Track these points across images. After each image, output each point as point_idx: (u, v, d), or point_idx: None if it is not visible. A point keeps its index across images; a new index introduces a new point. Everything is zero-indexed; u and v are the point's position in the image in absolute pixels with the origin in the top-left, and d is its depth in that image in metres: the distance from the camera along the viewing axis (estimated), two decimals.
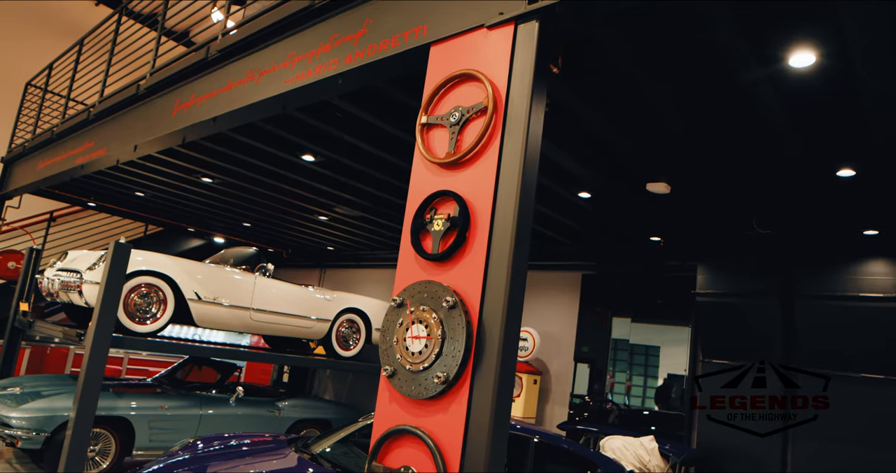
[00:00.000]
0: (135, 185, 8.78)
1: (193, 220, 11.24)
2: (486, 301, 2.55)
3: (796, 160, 4.76)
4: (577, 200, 6.38)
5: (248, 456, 4.81)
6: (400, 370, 2.71)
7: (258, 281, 7.62)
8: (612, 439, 6.24)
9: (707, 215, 6.40)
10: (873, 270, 5.87)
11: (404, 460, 2.65)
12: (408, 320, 2.72)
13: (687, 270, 7.17)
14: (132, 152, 6.24)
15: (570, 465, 5.34)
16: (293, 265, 13.28)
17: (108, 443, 6.70)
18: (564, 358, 8.73)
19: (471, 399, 2.52)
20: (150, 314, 6.58)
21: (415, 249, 2.82)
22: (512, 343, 2.55)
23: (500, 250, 2.56)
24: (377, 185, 7.03)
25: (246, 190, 8.11)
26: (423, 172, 2.94)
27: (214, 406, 7.62)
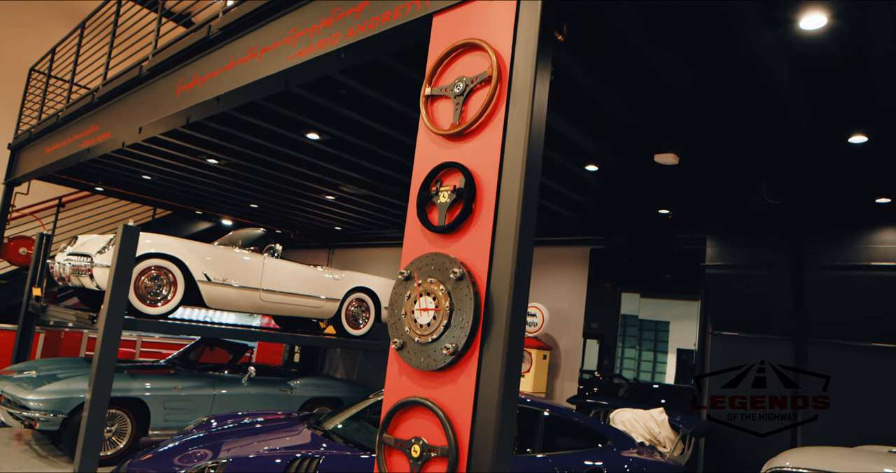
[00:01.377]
0: (141, 168, 8.80)
1: (201, 203, 11.27)
2: (494, 271, 2.55)
3: (807, 127, 4.68)
4: (584, 174, 6.33)
5: (261, 433, 4.87)
6: (409, 342, 2.72)
7: (267, 262, 7.65)
8: (621, 412, 6.27)
9: (716, 186, 6.33)
10: (885, 239, 5.81)
11: (415, 431, 2.67)
12: (416, 292, 2.72)
13: (696, 243, 7.13)
14: (137, 134, 6.23)
15: (581, 438, 5.37)
16: (301, 246, 13.33)
17: (125, 424, 6.80)
18: (573, 334, 8.75)
19: (480, 370, 2.52)
20: (160, 296, 6.63)
21: (421, 222, 2.81)
22: (520, 313, 2.54)
23: (506, 220, 2.54)
24: (383, 163, 7.01)
25: (252, 170, 8.11)
26: (428, 144, 2.92)
27: (227, 386, 7.70)
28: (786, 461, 3.95)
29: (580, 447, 5.25)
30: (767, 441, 6.11)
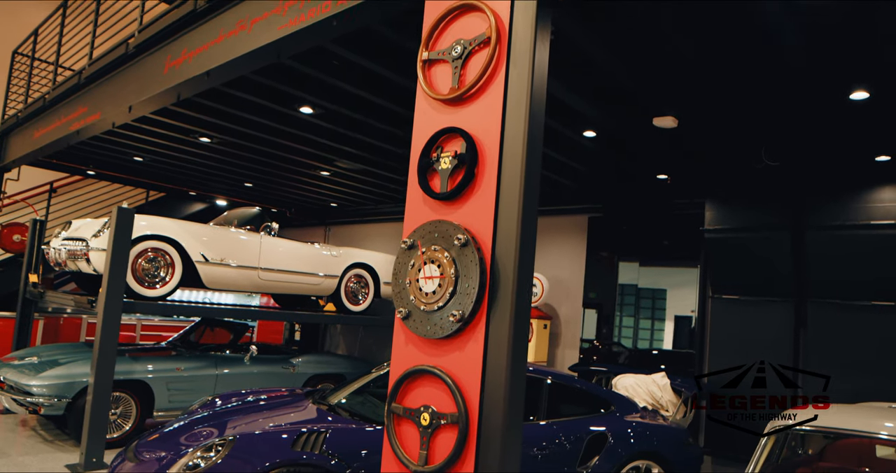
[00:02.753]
0: (133, 150, 8.69)
1: (194, 183, 11.17)
2: (499, 236, 2.52)
3: (808, 84, 4.61)
4: (582, 140, 6.28)
5: (266, 410, 4.88)
6: (414, 311, 2.70)
7: (264, 241, 7.62)
8: (624, 377, 6.32)
9: (715, 149, 6.29)
10: (885, 197, 5.81)
11: (424, 399, 2.67)
12: (419, 261, 2.69)
13: (695, 207, 7.12)
14: (127, 114, 6.13)
15: (584, 404, 5.42)
16: (297, 224, 13.27)
17: (129, 406, 6.82)
18: (573, 303, 8.79)
19: (487, 336, 2.51)
20: (158, 278, 6.61)
21: (422, 189, 2.78)
22: (526, 277, 2.53)
23: (510, 185, 2.51)
24: (378, 135, 6.93)
25: (245, 148, 8.01)
26: (427, 110, 2.87)
27: (230, 366, 7.71)
28: (789, 419, 3.97)
29: (584, 413, 5.30)
30: None
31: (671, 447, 5.29)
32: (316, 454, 4.01)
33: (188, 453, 4.00)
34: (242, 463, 3.85)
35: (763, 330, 6.54)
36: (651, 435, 5.24)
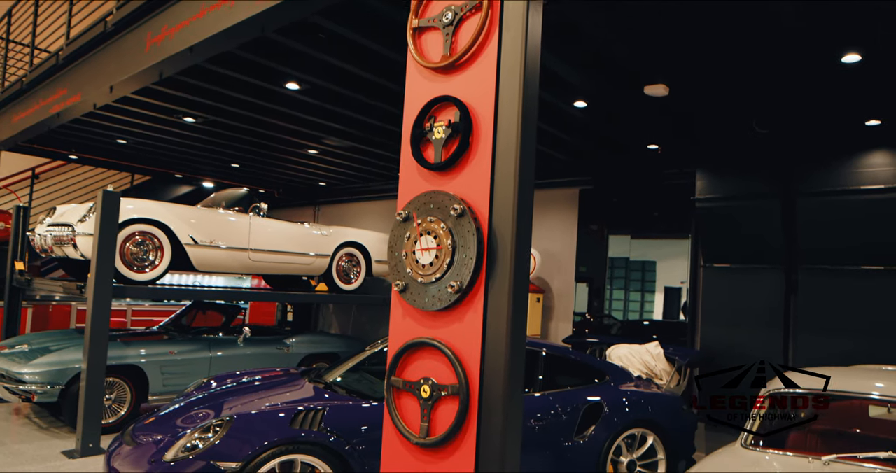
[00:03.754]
0: (116, 132, 8.54)
1: (180, 166, 11.02)
2: (495, 205, 2.49)
3: (800, 47, 4.55)
4: (572, 111, 6.23)
5: (262, 390, 4.87)
6: (412, 283, 2.68)
7: (253, 222, 7.56)
8: (617, 347, 6.37)
9: (706, 117, 6.27)
10: (874, 162, 5.83)
11: (423, 372, 2.66)
12: (415, 233, 2.66)
13: (685, 177, 7.11)
14: (108, 94, 6.00)
15: (579, 375, 5.46)
16: (286, 204, 13.18)
17: (123, 391, 6.80)
18: (565, 276, 8.81)
19: (486, 306, 2.50)
20: (147, 262, 6.55)
21: (416, 160, 2.73)
22: (524, 246, 2.50)
23: (506, 152, 2.47)
24: (367, 111, 6.83)
25: (231, 127, 7.89)
26: (419, 79, 2.81)
27: (223, 348, 7.70)
28: (781, 383, 4.02)
29: (579, 384, 5.34)
30: None
31: (666, 414, 5.35)
32: (314, 431, 4.01)
33: (186, 434, 3.99)
34: (241, 443, 3.85)
35: (754, 298, 6.60)
36: (646, 404, 5.29)
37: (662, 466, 5.19)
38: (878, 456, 3.25)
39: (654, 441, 5.20)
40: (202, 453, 3.78)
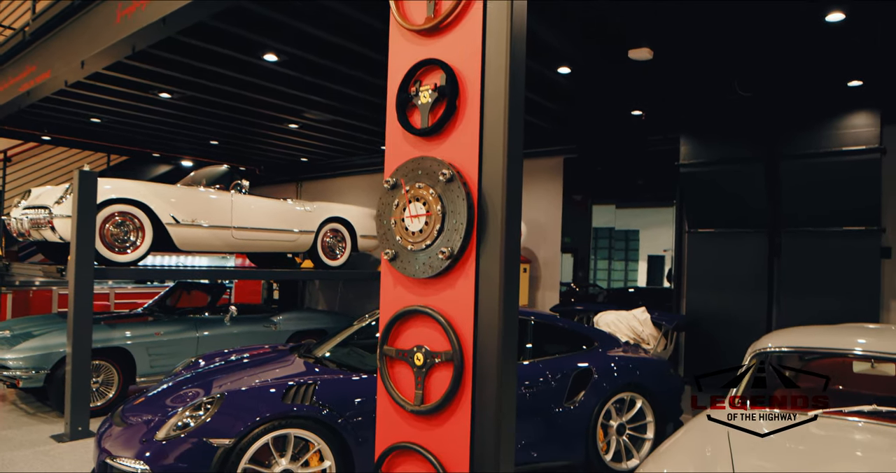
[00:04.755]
0: (89, 111, 8.33)
1: (158, 144, 10.80)
2: (484, 169, 2.45)
3: (784, 5, 4.49)
4: (556, 78, 6.17)
5: (251, 367, 4.85)
6: (401, 251, 2.64)
7: (235, 199, 7.46)
8: (605, 314, 6.42)
9: (689, 81, 6.24)
10: (857, 123, 5.85)
11: (416, 340, 2.64)
12: (404, 200, 2.62)
13: (670, 143, 7.11)
14: (79, 70, 5.83)
15: (568, 342, 5.50)
16: (268, 182, 13.02)
17: (111, 374, 6.75)
18: (551, 245, 8.84)
19: (478, 272, 2.47)
20: (129, 242, 6.46)
21: (403, 126, 2.67)
22: (515, 210, 2.47)
23: (494, 115, 2.42)
24: (347, 83, 6.70)
25: (208, 103, 7.72)
26: (402, 43, 2.73)
27: (210, 328, 7.66)
28: (767, 343, 4.08)
29: (568, 351, 5.39)
30: (743, 329, 6.36)
31: (654, 378, 5.42)
32: (306, 405, 4.00)
33: (177, 413, 3.96)
34: (233, 419, 3.83)
35: (739, 262, 6.67)
36: (634, 368, 5.36)
37: (651, 428, 5.28)
38: (863, 410, 3.32)
39: (643, 404, 5.27)
40: (194, 431, 3.76)
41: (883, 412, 3.35)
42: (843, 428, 3.21)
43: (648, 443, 5.24)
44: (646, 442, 5.26)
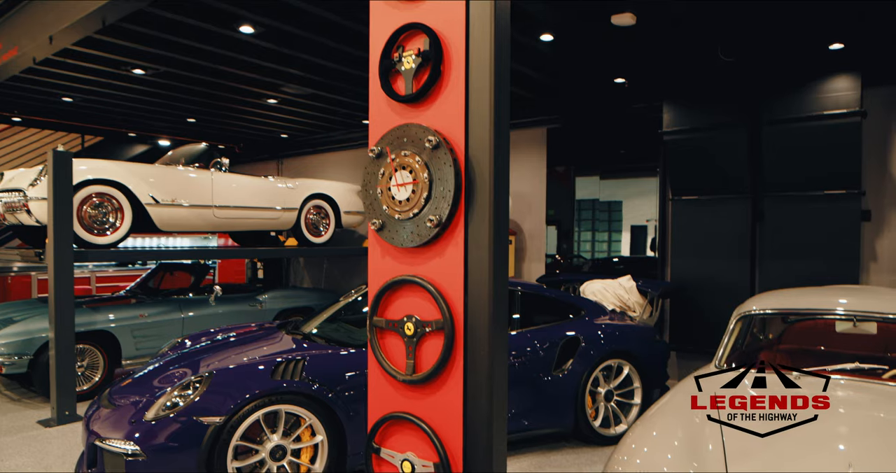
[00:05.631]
0: (60, 89, 8.10)
1: (133, 123, 10.57)
2: (471, 135, 2.41)
3: None
4: (539, 45, 6.09)
5: (239, 345, 4.83)
6: (389, 221, 2.61)
7: (215, 177, 7.36)
8: (591, 283, 6.46)
9: (672, 47, 6.19)
10: (838, 86, 5.87)
11: (406, 310, 2.63)
12: (390, 168, 2.58)
13: (653, 111, 7.09)
14: (48, 46, 5.64)
15: (555, 312, 5.54)
16: (248, 160, 12.84)
17: (95, 357, 6.71)
18: (536, 217, 8.85)
19: (467, 239, 2.45)
20: (108, 224, 6.37)
21: (386, 93, 2.62)
22: (503, 176, 2.45)
23: (479, 78, 2.38)
24: (326, 55, 6.56)
25: (183, 78, 7.54)
26: (384, 8, 2.67)
27: (195, 308, 7.61)
28: (752, 306, 4.14)
29: (555, 320, 5.43)
30: (727, 294, 6.44)
31: (640, 345, 5.50)
32: (296, 381, 4.00)
33: (166, 393, 3.94)
34: (223, 397, 3.82)
35: (722, 228, 6.72)
36: (620, 336, 5.42)
37: (638, 394, 5.36)
38: (846, 368, 3.38)
39: (630, 370, 5.35)
40: (184, 410, 3.75)
41: (865, 369, 3.41)
42: (827, 387, 3.26)
43: (636, 409, 5.33)
44: (633, 408, 5.35)
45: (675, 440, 2.80)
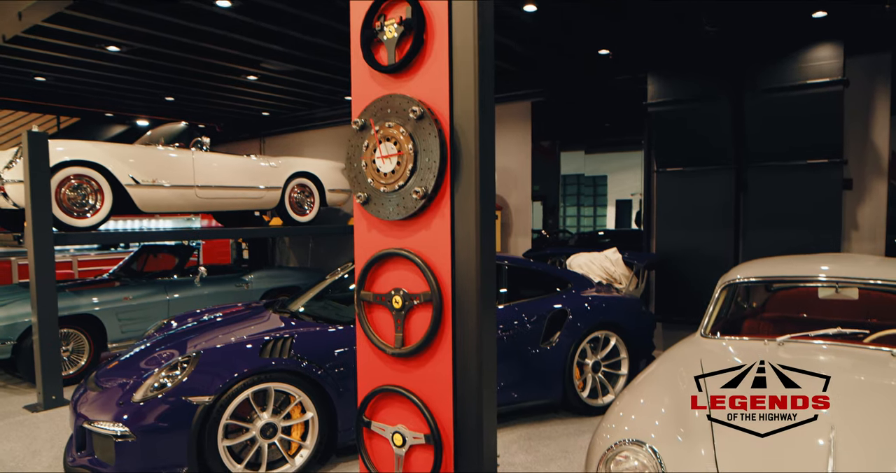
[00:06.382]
0: (32, 68, 7.89)
1: (110, 103, 10.34)
2: (456, 104, 2.38)
3: None
4: (522, 16, 6.00)
5: (226, 325, 4.80)
6: (374, 194, 2.58)
7: (196, 157, 7.26)
8: (577, 256, 6.49)
9: (656, 17, 6.12)
10: (821, 55, 5.86)
11: (394, 283, 2.62)
12: (374, 140, 2.55)
13: (638, 83, 7.05)
14: (17, 23, 5.48)
15: (542, 285, 5.56)
16: (229, 139, 12.66)
17: (81, 341, 6.65)
18: (522, 192, 8.84)
19: (453, 210, 2.44)
20: (88, 206, 6.27)
21: (369, 64, 2.57)
22: (489, 146, 2.43)
23: (463, 46, 2.34)
24: (306, 29, 6.41)
25: (160, 55, 7.36)
26: None
27: (180, 290, 7.55)
28: (736, 274, 4.17)
29: (543, 293, 5.45)
30: (711, 264, 6.50)
31: (626, 316, 5.54)
32: (285, 359, 3.99)
33: (153, 374, 3.91)
34: (211, 377, 3.80)
35: (707, 199, 6.76)
36: (607, 307, 5.46)
37: (625, 364, 5.42)
38: (828, 333, 3.43)
39: (617, 341, 5.40)
40: (172, 390, 3.73)
41: (847, 334, 3.46)
42: (809, 352, 3.31)
43: (623, 379, 5.39)
44: (620, 378, 5.41)
45: (663, 407, 2.83)
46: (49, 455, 4.51)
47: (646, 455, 2.48)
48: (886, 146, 6.24)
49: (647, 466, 2.45)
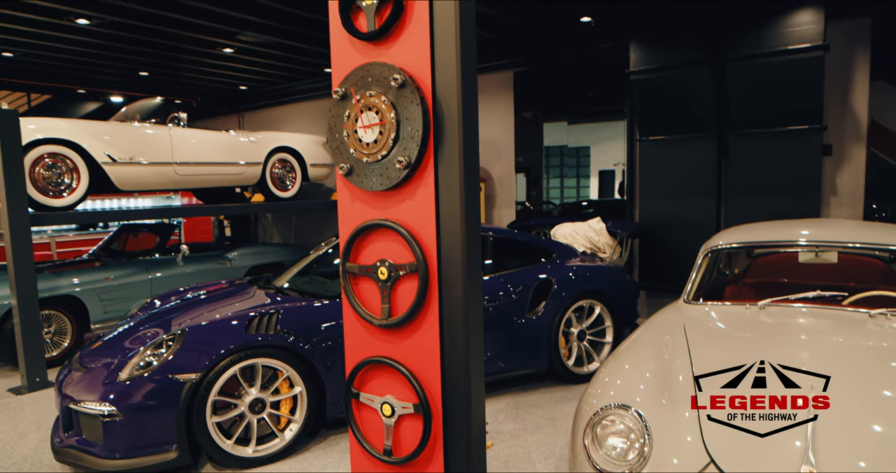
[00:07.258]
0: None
1: (81, 79, 10.07)
2: (438, 72, 2.34)
3: None
4: None
5: (210, 302, 4.77)
6: (357, 165, 2.55)
7: (174, 133, 7.12)
8: (561, 226, 6.51)
9: None
10: (801, 20, 5.85)
11: (379, 254, 2.60)
12: (355, 110, 2.50)
13: (620, 51, 7.01)
14: None
15: (527, 255, 5.58)
16: (207, 114, 12.44)
17: (63, 323, 6.58)
18: (505, 163, 8.82)
19: (437, 179, 2.41)
20: (64, 185, 6.14)
21: (348, 31, 2.51)
22: (472, 114, 2.39)
23: (444, 13, 2.29)
24: None
25: (132, 28, 7.15)
26: None
27: (162, 269, 7.48)
28: (719, 241, 4.21)
29: (527, 264, 5.47)
30: (694, 232, 6.55)
31: (611, 285, 5.59)
32: (271, 335, 3.98)
33: (138, 353, 3.89)
34: (197, 354, 3.79)
35: (689, 167, 6.78)
36: (592, 277, 5.50)
37: (610, 333, 5.48)
38: (808, 296, 3.48)
39: (602, 310, 5.45)
40: (158, 368, 3.71)
41: (826, 296, 3.52)
42: (790, 315, 3.37)
43: (608, 347, 5.46)
44: (605, 346, 5.48)
45: (647, 372, 2.87)
46: (36, 436, 4.48)
47: (631, 418, 2.52)
48: (865, 112, 6.28)
49: (632, 429, 2.49)
